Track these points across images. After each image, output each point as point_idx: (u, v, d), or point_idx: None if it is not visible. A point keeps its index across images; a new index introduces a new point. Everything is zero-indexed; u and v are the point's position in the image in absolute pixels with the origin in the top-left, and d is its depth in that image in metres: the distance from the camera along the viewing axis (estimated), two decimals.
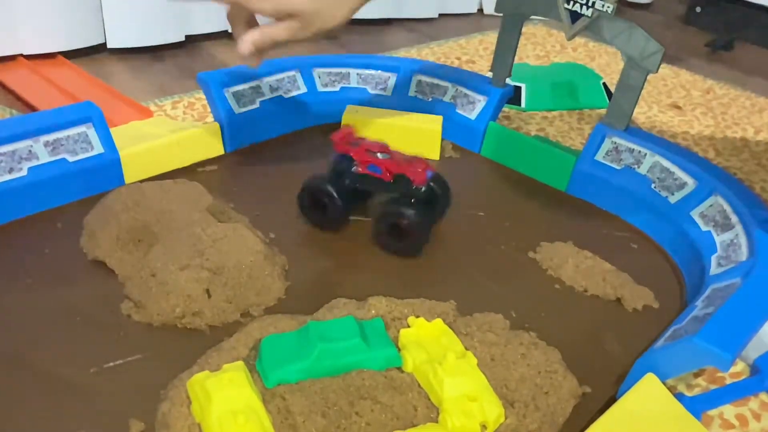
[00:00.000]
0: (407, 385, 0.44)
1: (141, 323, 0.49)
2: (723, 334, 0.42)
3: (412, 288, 0.54)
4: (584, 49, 1.17)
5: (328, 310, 0.49)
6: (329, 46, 1.11)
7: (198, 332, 0.49)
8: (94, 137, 0.62)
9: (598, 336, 0.52)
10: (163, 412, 0.40)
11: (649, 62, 0.62)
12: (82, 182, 0.61)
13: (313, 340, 0.43)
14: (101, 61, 0.97)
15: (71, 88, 0.83)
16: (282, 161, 0.72)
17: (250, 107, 0.72)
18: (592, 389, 0.47)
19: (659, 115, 0.94)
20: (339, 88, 0.80)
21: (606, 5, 0.62)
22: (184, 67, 0.97)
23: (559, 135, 0.85)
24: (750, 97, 1.02)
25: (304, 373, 0.42)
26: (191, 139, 0.68)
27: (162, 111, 0.82)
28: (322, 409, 0.41)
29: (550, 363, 0.46)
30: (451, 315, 0.51)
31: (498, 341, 0.48)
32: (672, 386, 0.48)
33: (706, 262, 0.57)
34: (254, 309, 0.51)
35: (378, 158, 0.58)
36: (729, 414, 0.47)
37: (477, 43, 1.15)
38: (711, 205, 0.60)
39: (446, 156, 0.76)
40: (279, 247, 0.57)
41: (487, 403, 0.42)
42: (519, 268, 0.59)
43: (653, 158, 0.65)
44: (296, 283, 0.54)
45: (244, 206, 0.62)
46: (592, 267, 0.57)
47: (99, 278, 0.53)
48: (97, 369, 0.45)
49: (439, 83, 0.80)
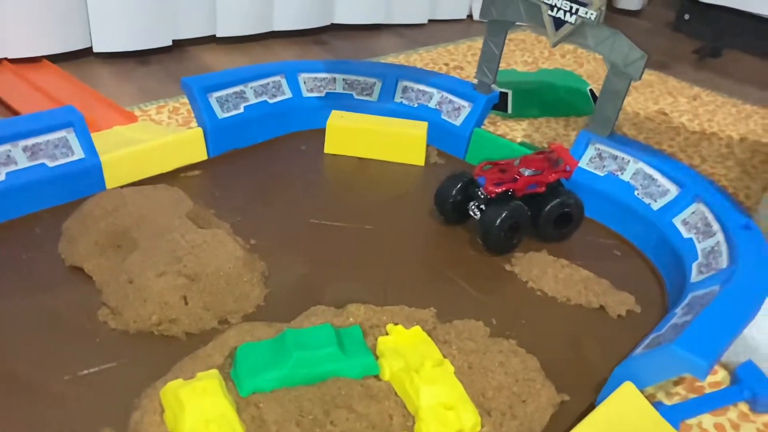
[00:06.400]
0: (384, 393, 0.43)
1: (117, 330, 0.48)
2: (700, 341, 0.42)
3: (392, 295, 0.54)
4: (572, 56, 1.17)
5: (306, 318, 0.49)
6: (317, 51, 1.11)
7: (175, 340, 0.48)
8: (74, 142, 0.61)
9: (579, 343, 0.52)
10: (136, 421, 0.40)
11: (632, 69, 0.62)
12: (62, 188, 0.60)
13: (289, 349, 0.43)
14: (87, 65, 0.97)
15: (56, 92, 0.83)
16: (266, 167, 0.72)
17: (234, 112, 0.72)
18: (571, 397, 0.46)
19: (646, 121, 0.94)
20: (325, 93, 0.80)
21: (589, 12, 0.62)
22: (171, 72, 0.97)
23: (546, 141, 0.85)
24: (736, 104, 1.02)
25: (279, 382, 0.42)
26: (174, 144, 0.68)
27: (147, 116, 0.82)
28: (296, 417, 0.40)
29: (528, 371, 0.46)
30: (431, 322, 0.50)
31: (477, 349, 0.47)
32: (651, 394, 0.48)
33: (688, 269, 0.57)
34: (232, 316, 0.50)
35: (527, 176, 0.61)
36: (708, 423, 0.46)
37: (465, 49, 1.15)
38: (693, 212, 0.60)
39: (431, 162, 0.76)
40: (260, 253, 0.57)
41: (464, 411, 0.41)
42: (502, 275, 0.59)
43: (636, 165, 0.65)
44: (276, 289, 0.54)
45: (226, 212, 0.62)
46: (570, 275, 0.57)
47: (77, 284, 0.53)
48: (71, 376, 0.44)
49: (425, 89, 0.79)
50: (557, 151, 0.64)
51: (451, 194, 0.63)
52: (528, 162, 0.62)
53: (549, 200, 0.61)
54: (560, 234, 0.63)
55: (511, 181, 0.60)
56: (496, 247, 0.60)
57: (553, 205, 0.61)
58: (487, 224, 0.59)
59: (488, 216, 0.59)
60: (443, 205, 0.64)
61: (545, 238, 0.63)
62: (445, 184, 0.63)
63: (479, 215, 0.60)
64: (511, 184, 0.60)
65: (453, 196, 0.63)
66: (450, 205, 0.63)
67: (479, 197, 0.61)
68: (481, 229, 0.60)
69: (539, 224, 0.62)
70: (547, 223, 0.62)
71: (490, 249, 0.60)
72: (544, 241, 0.63)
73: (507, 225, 0.59)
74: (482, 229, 0.60)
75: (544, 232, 0.62)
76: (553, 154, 0.64)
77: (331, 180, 0.72)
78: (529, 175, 0.61)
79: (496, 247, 0.60)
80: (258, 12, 1.07)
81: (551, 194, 0.62)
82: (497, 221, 0.58)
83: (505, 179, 0.60)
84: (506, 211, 0.58)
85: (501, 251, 0.61)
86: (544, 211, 0.61)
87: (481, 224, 0.60)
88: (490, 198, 0.60)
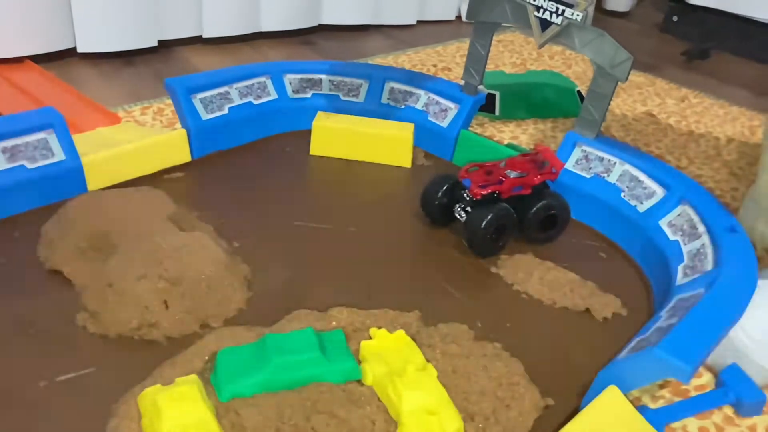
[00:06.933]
0: (366, 398, 0.43)
1: (96, 335, 0.48)
2: (684, 345, 0.42)
3: (376, 298, 0.53)
4: (561, 57, 1.17)
5: (288, 322, 0.48)
6: (305, 52, 1.11)
7: (155, 344, 0.47)
8: (55, 144, 0.60)
9: (564, 346, 0.52)
10: (112, 428, 0.39)
11: (618, 71, 0.62)
12: (42, 190, 0.60)
13: (269, 353, 0.42)
14: (72, 65, 0.96)
15: (38, 93, 0.82)
16: (250, 168, 0.71)
17: (218, 113, 0.71)
18: (556, 401, 0.46)
19: (633, 123, 0.94)
20: (311, 94, 0.79)
21: (575, 14, 0.62)
22: (157, 73, 0.96)
23: (533, 143, 0.85)
24: (724, 105, 1.02)
25: (259, 387, 0.42)
26: (157, 145, 0.67)
27: (131, 117, 0.81)
28: (276, 424, 0.40)
29: (512, 375, 0.46)
30: (415, 326, 0.50)
31: (461, 352, 0.47)
32: (636, 398, 0.48)
33: (674, 271, 0.56)
34: (214, 320, 0.50)
35: (512, 178, 0.61)
36: (692, 427, 0.46)
37: (454, 50, 1.15)
38: (679, 214, 0.60)
39: (418, 164, 0.76)
40: (243, 256, 0.56)
41: (446, 416, 0.41)
42: (487, 277, 0.58)
43: (623, 167, 0.65)
44: (258, 293, 0.53)
45: (210, 214, 0.61)
46: (556, 278, 0.57)
47: (56, 288, 0.52)
48: (47, 382, 0.44)
49: (412, 90, 0.79)
50: (543, 152, 0.64)
51: (437, 196, 0.62)
52: (514, 164, 0.62)
53: (535, 202, 0.61)
54: (546, 236, 0.63)
55: (497, 183, 0.60)
56: (481, 249, 0.60)
57: (538, 207, 0.61)
58: (473, 226, 0.59)
59: (473, 218, 0.59)
60: (429, 207, 0.63)
61: (531, 241, 0.62)
62: (431, 186, 0.63)
63: (465, 217, 0.60)
64: (496, 186, 0.60)
65: (439, 198, 0.62)
66: (436, 207, 0.63)
67: (465, 199, 0.61)
68: (467, 232, 0.60)
69: (525, 226, 0.61)
70: (533, 226, 0.61)
71: (475, 251, 0.60)
72: (530, 244, 0.62)
73: (492, 227, 0.59)
74: (468, 232, 0.59)
75: (529, 234, 0.62)
76: (539, 156, 0.64)
77: (317, 182, 0.72)
78: (514, 177, 0.60)
79: (482, 249, 0.60)
80: (245, 12, 1.06)
81: (537, 196, 0.62)
82: (482, 223, 0.58)
83: (491, 181, 0.60)
84: (492, 214, 0.58)
85: (486, 254, 0.60)
86: (530, 213, 0.61)
87: (467, 226, 0.59)
88: (476, 200, 0.60)
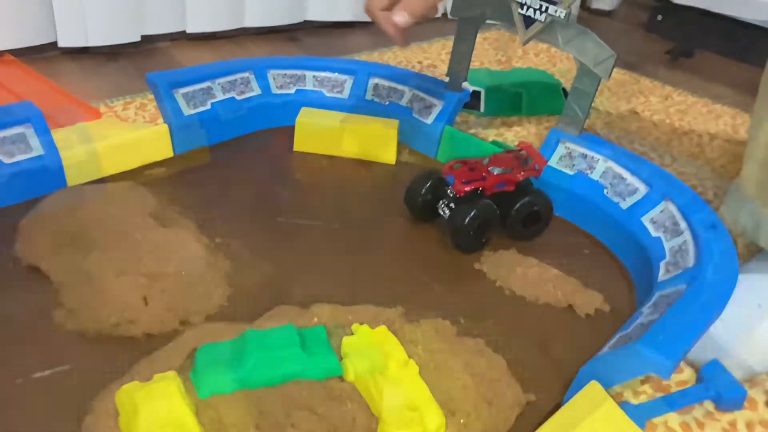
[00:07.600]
0: (347, 395, 0.42)
1: (74, 331, 0.47)
2: (665, 340, 0.42)
3: (359, 294, 0.53)
4: (546, 55, 1.17)
5: (269, 318, 0.48)
6: (290, 48, 1.10)
7: (134, 341, 0.47)
8: (33, 138, 0.59)
9: (547, 342, 0.51)
10: (88, 426, 0.39)
11: (600, 68, 0.62)
12: (20, 185, 0.59)
13: (249, 349, 0.42)
14: (54, 60, 0.94)
15: (17, 88, 0.81)
16: (233, 164, 0.71)
17: (200, 109, 0.71)
18: (538, 397, 0.46)
19: (618, 120, 0.94)
20: (294, 90, 0.78)
21: (559, 11, 0.62)
22: (140, 68, 0.95)
23: (518, 140, 0.85)
24: (707, 103, 1.03)
25: (239, 383, 0.41)
26: (138, 141, 0.66)
27: (113, 112, 0.80)
28: (256, 420, 0.39)
29: (494, 371, 0.45)
30: (397, 322, 0.50)
31: (443, 348, 0.47)
32: (618, 393, 0.48)
33: (656, 267, 0.56)
34: (194, 317, 0.49)
35: (496, 175, 0.60)
36: (673, 422, 0.46)
37: (439, 47, 1.15)
38: (662, 211, 0.60)
39: (402, 160, 0.75)
40: (224, 252, 0.56)
41: (428, 413, 0.41)
42: (470, 274, 0.58)
43: (606, 164, 0.65)
44: (240, 289, 0.53)
45: (191, 210, 0.60)
46: (539, 274, 0.57)
47: (33, 284, 0.51)
48: (24, 380, 0.43)
49: (396, 87, 0.79)
50: (527, 149, 0.64)
51: (420, 193, 0.62)
52: (497, 161, 0.62)
53: (518, 199, 0.61)
54: (529, 233, 0.63)
55: (480, 180, 0.60)
56: (465, 245, 0.60)
57: (522, 204, 0.61)
58: (456, 223, 0.58)
59: (457, 215, 0.59)
60: (413, 203, 0.63)
61: (514, 237, 0.62)
62: (415, 183, 0.63)
63: (448, 214, 0.60)
64: (479, 183, 0.60)
65: (423, 194, 0.62)
66: (420, 204, 0.62)
67: (448, 196, 0.60)
68: (450, 228, 0.59)
69: (508, 223, 0.61)
70: (516, 222, 0.61)
71: (459, 247, 0.60)
72: (513, 240, 0.62)
73: (476, 224, 0.58)
74: (451, 228, 0.59)
75: (513, 230, 0.62)
76: (522, 153, 0.64)
77: (300, 178, 0.71)
78: (498, 174, 0.60)
79: (465, 245, 0.60)
80: (230, 8, 1.06)
81: (520, 193, 0.61)
82: (466, 220, 0.58)
83: (474, 178, 0.60)
84: (475, 210, 0.58)
85: (470, 250, 0.60)
86: (513, 209, 0.61)
87: (450, 223, 0.59)
88: (459, 197, 0.59)
